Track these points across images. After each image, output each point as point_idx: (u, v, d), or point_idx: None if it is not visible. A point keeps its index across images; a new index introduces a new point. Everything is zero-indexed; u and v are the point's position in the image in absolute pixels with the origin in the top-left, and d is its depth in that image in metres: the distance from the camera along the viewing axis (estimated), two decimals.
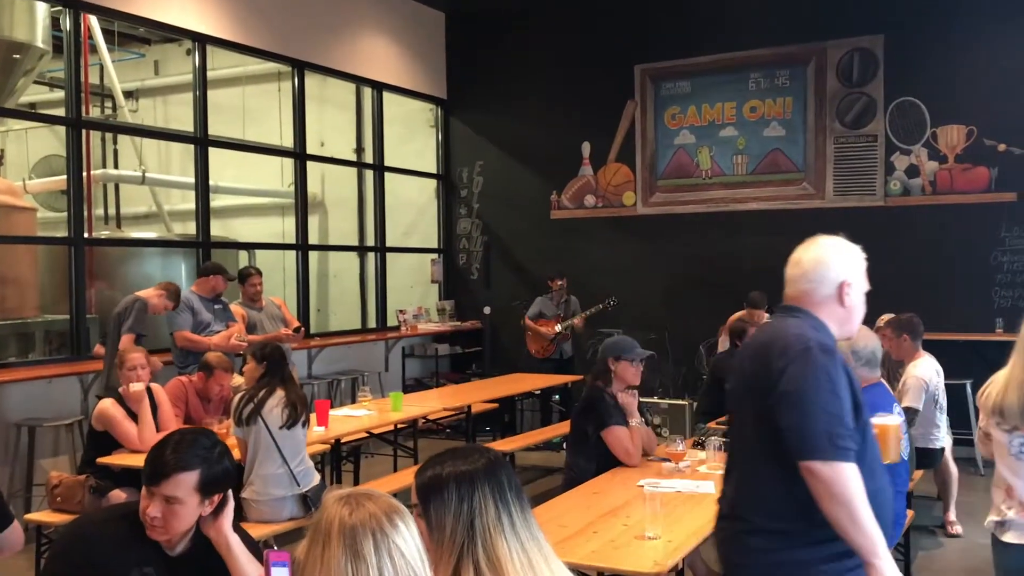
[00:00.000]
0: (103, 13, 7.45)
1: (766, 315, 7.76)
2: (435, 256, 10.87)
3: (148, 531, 2.33)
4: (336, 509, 1.55)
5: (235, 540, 2.39)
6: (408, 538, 1.56)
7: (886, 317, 6.25)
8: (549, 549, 1.85)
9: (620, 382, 4.58)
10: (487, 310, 10.11)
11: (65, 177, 7.15)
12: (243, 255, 9.71)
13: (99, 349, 6.63)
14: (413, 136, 10.92)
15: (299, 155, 9.13)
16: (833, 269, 2.45)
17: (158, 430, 4.79)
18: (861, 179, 8.69)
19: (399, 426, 6.55)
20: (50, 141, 10.91)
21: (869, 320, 5.90)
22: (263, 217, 11.12)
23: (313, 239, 10.08)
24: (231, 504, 2.42)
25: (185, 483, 2.30)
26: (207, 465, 2.35)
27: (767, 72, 9.07)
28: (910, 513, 4.37)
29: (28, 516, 4.90)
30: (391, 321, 10.26)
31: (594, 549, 3.09)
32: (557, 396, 9.10)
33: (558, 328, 8.78)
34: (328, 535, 1.52)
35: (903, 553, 4.53)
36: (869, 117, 8.65)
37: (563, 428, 7.38)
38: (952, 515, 5.98)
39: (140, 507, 2.34)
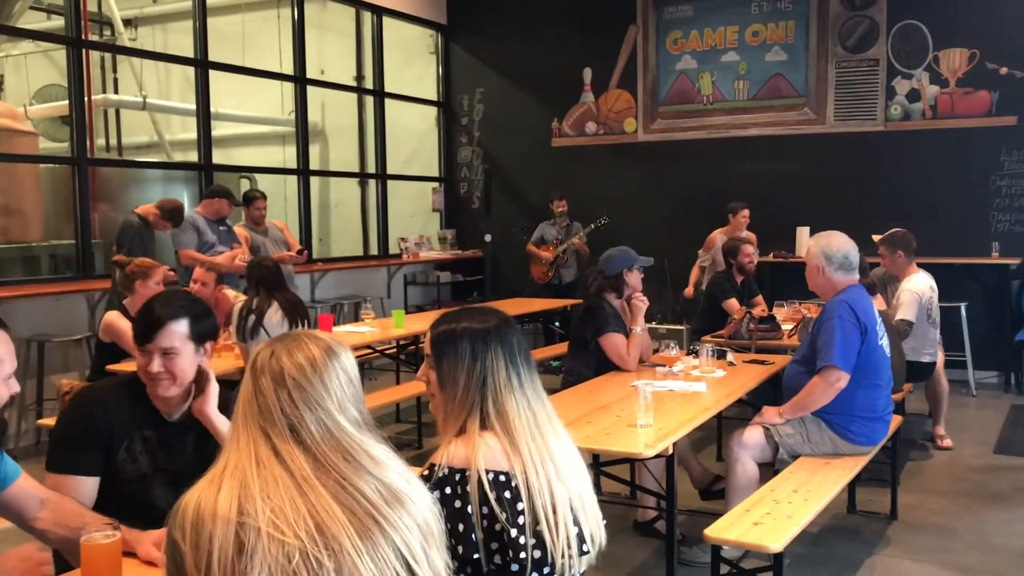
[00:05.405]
0: None
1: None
2: (436, 185, 10.89)
3: (155, 388, 2.39)
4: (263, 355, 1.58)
5: (219, 420, 2.42)
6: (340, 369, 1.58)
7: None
8: (552, 409, 1.95)
9: (630, 290, 4.70)
10: (488, 238, 10.16)
11: (67, 103, 7.17)
12: (244, 182, 9.74)
13: None
14: (413, 62, 10.85)
15: (299, 79, 9.11)
16: None
17: None
18: (862, 104, 8.67)
19: (400, 343, 6.67)
20: (49, 71, 10.85)
21: (863, 239, 5.95)
22: (264, 146, 11.10)
23: (314, 167, 10.09)
24: (214, 387, 2.46)
25: (177, 332, 2.38)
26: (193, 314, 2.44)
27: None
28: (898, 417, 4.47)
29: (40, 421, 5.06)
30: (393, 249, 10.33)
31: (588, 435, 3.21)
32: (557, 323, 9.20)
33: (557, 251, 8.86)
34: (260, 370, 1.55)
35: (890, 456, 4.64)
36: (871, 41, 8.59)
37: (561, 349, 7.50)
38: (942, 428, 6.10)
39: (139, 368, 2.40)
